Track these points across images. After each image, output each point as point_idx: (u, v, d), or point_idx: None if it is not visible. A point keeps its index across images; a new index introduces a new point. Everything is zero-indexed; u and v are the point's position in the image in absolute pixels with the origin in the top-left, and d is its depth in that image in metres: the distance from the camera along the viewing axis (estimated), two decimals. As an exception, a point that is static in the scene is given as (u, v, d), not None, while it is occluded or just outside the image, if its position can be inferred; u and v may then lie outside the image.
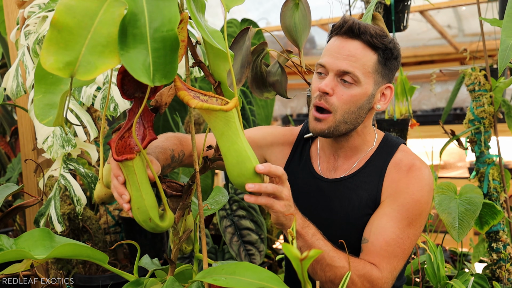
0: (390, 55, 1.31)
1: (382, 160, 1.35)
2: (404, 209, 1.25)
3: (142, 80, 0.74)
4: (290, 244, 0.75)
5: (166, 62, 0.77)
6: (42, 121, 0.85)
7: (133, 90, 0.93)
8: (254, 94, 1.78)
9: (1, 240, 1.03)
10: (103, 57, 0.73)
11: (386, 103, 1.35)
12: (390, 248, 1.22)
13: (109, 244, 2.14)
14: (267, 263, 2.45)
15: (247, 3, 4.46)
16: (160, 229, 0.98)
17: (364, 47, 1.28)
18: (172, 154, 1.27)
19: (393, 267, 1.22)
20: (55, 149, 1.63)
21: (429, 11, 3.78)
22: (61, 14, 0.71)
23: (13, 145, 2.91)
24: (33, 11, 1.78)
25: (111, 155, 0.95)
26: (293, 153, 1.49)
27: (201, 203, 1.03)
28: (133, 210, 0.96)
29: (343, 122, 1.29)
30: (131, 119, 0.96)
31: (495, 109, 1.99)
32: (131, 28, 0.75)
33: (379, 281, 1.19)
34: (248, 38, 1.32)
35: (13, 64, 1.84)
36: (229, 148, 0.96)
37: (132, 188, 0.94)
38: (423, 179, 1.29)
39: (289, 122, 5.62)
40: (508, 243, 1.93)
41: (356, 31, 1.27)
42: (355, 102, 1.28)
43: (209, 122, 0.95)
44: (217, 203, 1.30)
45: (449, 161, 4.93)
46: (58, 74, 0.70)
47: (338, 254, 1.17)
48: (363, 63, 1.27)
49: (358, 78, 1.26)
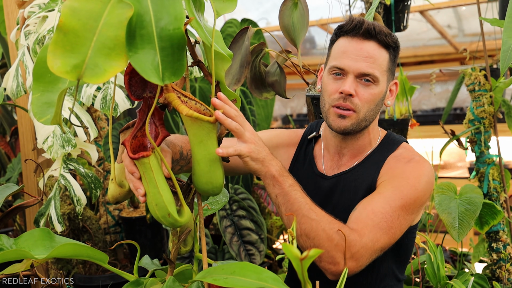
0: (397, 51, 1.36)
1: (382, 155, 1.37)
2: (398, 191, 1.25)
3: (152, 80, 0.75)
4: (290, 244, 0.75)
5: (174, 60, 0.78)
6: (39, 120, 0.85)
7: (141, 90, 0.95)
8: (253, 95, 1.78)
9: (1, 240, 1.03)
10: (110, 59, 0.73)
11: (393, 99, 1.40)
12: (376, 218, 1.19)
13: (109, 244, 2.14)
14: (267, 263, 2.45)
15: (247, 3, 4.46)
16: (179, 224, 0.99)
17: (379, 47, 1.31)
18: (181, 151, 1.28)
19: (376, 238, 1.18)
20: (55, 149, 1.63)
21: (429, 11, 3.78)
22: (67, 17, 0.71)
23: (13, 145, 2.91)
24: (33, 11, 1.78)
25: (125, 154, 0.98)
26: (297, 153, 1.51)
27: (200, 203, 1.03)
28: (151, 207, 0.97)
29: (364, 119, 1.33)
30: (142, 119, 0.97)
31: (495, 109, 1.99)
32: (138, 29, 0.75)
33: (357, 243, 1.15)
34: (247, 38, 1.33)
35: (13, 64, 1.84)
36: (204, 156, 1.00)
37: (149, 185, 0.95)
38: (421, 170, 1.29)
39: (289, 122, 5.62)
40: (508, 243, 1.93)
41: (372, 32, 1.30)
42: (374, 100, 1.32)
43: (190, 128, 0.99)
44: (217, 203, 1.30)
45: (449, 161, 4.93)
46: (66, 77, 0.71)
47: (315, 208, 1.16)
48: (380, 63, 1.31)
49: (377, 78, 1.30)
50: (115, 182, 1.13)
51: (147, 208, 2.20)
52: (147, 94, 0.96)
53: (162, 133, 0.96)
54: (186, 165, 1.35)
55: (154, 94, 0.95)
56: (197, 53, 1.05)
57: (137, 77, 0.93)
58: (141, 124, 0.97)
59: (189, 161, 1.35)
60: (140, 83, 0.94)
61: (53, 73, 0.71)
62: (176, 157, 1.26)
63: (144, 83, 0.94)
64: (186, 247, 1.15)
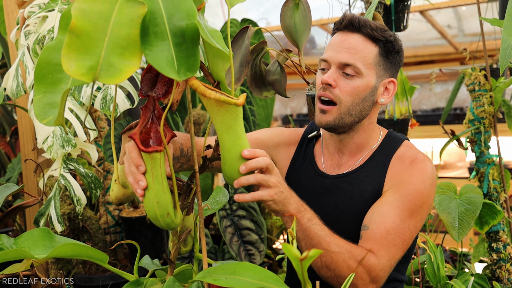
0: (391, 48, 1.33)
1: (385, 155, 1.36)
2: (406, 200, 1.26)
3: (170, 76, 0.75)
4: (290, 244, 0.75)
5: (188, 55, 0.78)
6: (42, 121, 0.85)
7: (148, 89, 0.95)
8: (253, 93, 1.78)
9: (1, 239, 1.03)
10: (124, 58, 0.73)
11: (390, 98, 1.37)
12: (390, 236, 1.22)
13: (109, 244, 2.14)
14: (267, 263, 2.45)
15: (247, 3, 4.46)
16: (174, 225, 0.98)
17: (364, 39, 1.30)
18: (181, 147, 1.28)
19: (392, 256, 1.22)
20: (55, 149, 1.63)
21: (429, 11, 3.78)
22: (78, 19, 0.71)
23: (13, 145, 2.91)
24: (33, 11, 1.78)
25: (132, 147, 0.95)
26: (298, 152, 1.51)
27: (200, 203, 1.03)
28: (151, 204, 0.94)
29: (348, 114, 1.31)
30: (146, 115, 0.97)
31: (495, 109, 1.99)
32: (152, 26, 0.76)
33: (376, 267, 1.18)
34: (247, 37, 1.32)
35: (13, 64, 1.84)
36: (235, 142, 0.98)
37: (154, 182, 0.93)
38: (426, 172, 1.30)
39: (289, 122, 5.62)
40: (508, 243, 1.93)
41: (356, 24, 1.30)
42: (358, 94, 1.30)
43: (217, 115, 0.96)
44: (217, 203, 1.30)
45: (449, 161, 4.93)
46: (83, 80, 0.70)
47: (335, 240, 1.17)
48: (364, 55, 1.29)
49: (360, 69, 1.28)
50: (118, 183, 1.12)
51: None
52: (153, 94, 0.96)
53: (170, 132, 0.95)
54: (186, 163, 1.35)
55: (158, 95, 0.95)
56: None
57: (148, 75, 0.94)
58: (146, 120, 0.96)
59: (189, 159, 1.35)
60: (148, 81, 0.95)
61: (70, 75, 0.70)
62: (176, 154, 1.26)
63: (152, 82, 0.95)
64: (186, 247, 1.15)
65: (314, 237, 1.16)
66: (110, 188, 1.16)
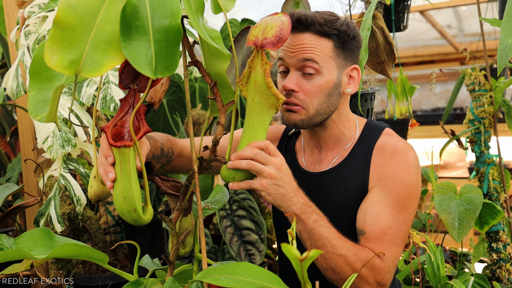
0: (346, 37, 1.28)
1: (366, 148, 1.34)
2: (395, 194, 1.25)
3: (144, 73, 0.74)
4: (289, 245, 0.75)
5: (168, 54, 0.77)
6: (35, 117, 0.85)
7: (129, 81, 0.94)
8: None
9: (1, 239, 1.03)
10: (108, 54, 0.73)
11: (356, 86, 1.33)
12: (388, 236, 1.22)
13: (109, 244, 2.14)
14: (267, 263, 2.45)
15: (247, 3, 4.46)
16: (141, 222, 0.98)
17: (316, 36, 1.26)
18: (161, 147, 1.27)
19: (394, 255, 1.22)
20: (55, 149, 1.63)
21: (429, 11, 3.78)
22: (64, 12, 0.71)
23: (13, 145, 2.91)
24: (33, 11, 1.78)
25: (103, 139, 0.95)
26: (279, 149, 1.49)
27: (200, 203, 1.03)
28: (119, 199, 0.94)
29: (317, 114, 1.28)
30: (124, 108, 0.96)
31: (495, 109, 1.99)
32: (133, 20, 0.75)
33: (382, 270, 1.19)
34: (248, 38, 1.32)
35: (13, 64, 1.84)
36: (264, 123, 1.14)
37: (122, 177, 0.93)
38: (408, 161, 1.28)
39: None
40: (508, 243, 1.93)
41: (304, 22, 1.25)
42: (322, 91, 1.27)
43: (260, 114, 1.11)
44: (217, 202, 1.30)
45: (449, 161, 4.93)
46: (63, 73, 0.70)
47: (341, 242, 1.17)
48: (319, 52, 1.25)
49: (319, 64, 1.25)
50: (98, 179, 1.11)
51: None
52: (134, 86, 0.95)
53: (144, 127, 0.94)
54: (167, 164, 1.33)
55: (140, 88, 0.95)
56: (196, 54, 1.05)
57: (130, 67, 0.92)
58: (123, 113, 0.96)
59: (170, 160, 1.33)
60: (130, 73, 0.93)
61: (51, 68, 0.70)
62: (157, 153, 1.25)
63: (134, 74, 0.93)
64: (185, 249, 1.14)
65: (319, 238, 1.16)
66: (89, 185, 1.15)
